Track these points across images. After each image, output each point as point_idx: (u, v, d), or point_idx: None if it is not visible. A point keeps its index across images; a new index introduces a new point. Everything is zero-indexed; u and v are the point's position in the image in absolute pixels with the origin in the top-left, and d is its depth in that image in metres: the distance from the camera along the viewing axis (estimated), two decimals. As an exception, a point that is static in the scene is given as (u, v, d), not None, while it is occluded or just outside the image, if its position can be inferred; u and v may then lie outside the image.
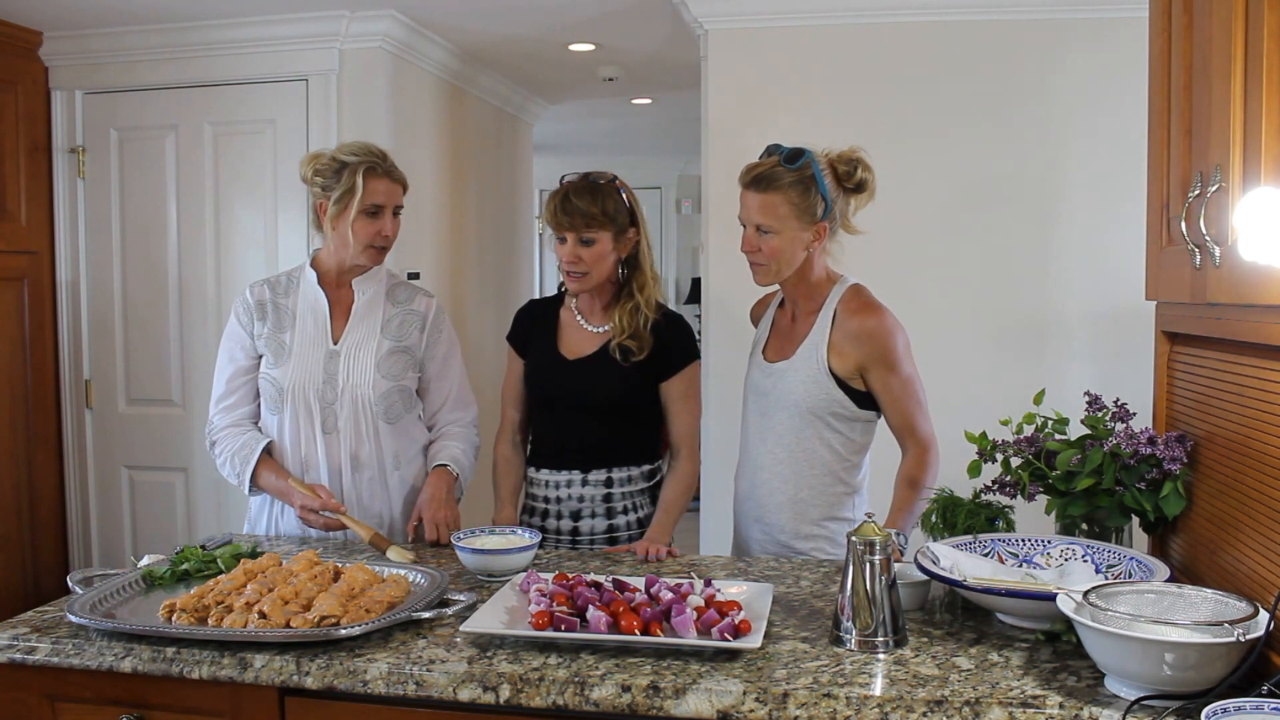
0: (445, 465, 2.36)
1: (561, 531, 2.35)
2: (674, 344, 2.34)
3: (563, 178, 2.33)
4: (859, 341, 2.10)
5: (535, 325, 2.44)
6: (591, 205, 2.24)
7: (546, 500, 2.37)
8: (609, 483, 2.33)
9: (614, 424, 2.33)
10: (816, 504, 2.16)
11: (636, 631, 1.54)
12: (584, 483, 2.34)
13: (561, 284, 2.45)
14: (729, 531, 2.51)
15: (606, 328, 2.34)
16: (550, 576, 1.78)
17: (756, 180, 2.10)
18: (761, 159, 2.14)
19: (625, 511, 2.34)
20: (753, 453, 2.24)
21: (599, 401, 2.32)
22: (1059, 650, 1.53)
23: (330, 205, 2.27)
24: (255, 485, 2.31)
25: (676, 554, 2.15)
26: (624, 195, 2.31)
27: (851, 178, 2.12)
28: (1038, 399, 1.90)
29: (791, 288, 2.20)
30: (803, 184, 2.08)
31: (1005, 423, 1.93)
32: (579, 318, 2.38)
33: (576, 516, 2.34)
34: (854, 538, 1.57)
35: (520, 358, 2.44)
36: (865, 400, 2.14)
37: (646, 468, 2.37)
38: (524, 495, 2.43)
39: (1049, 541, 1.81)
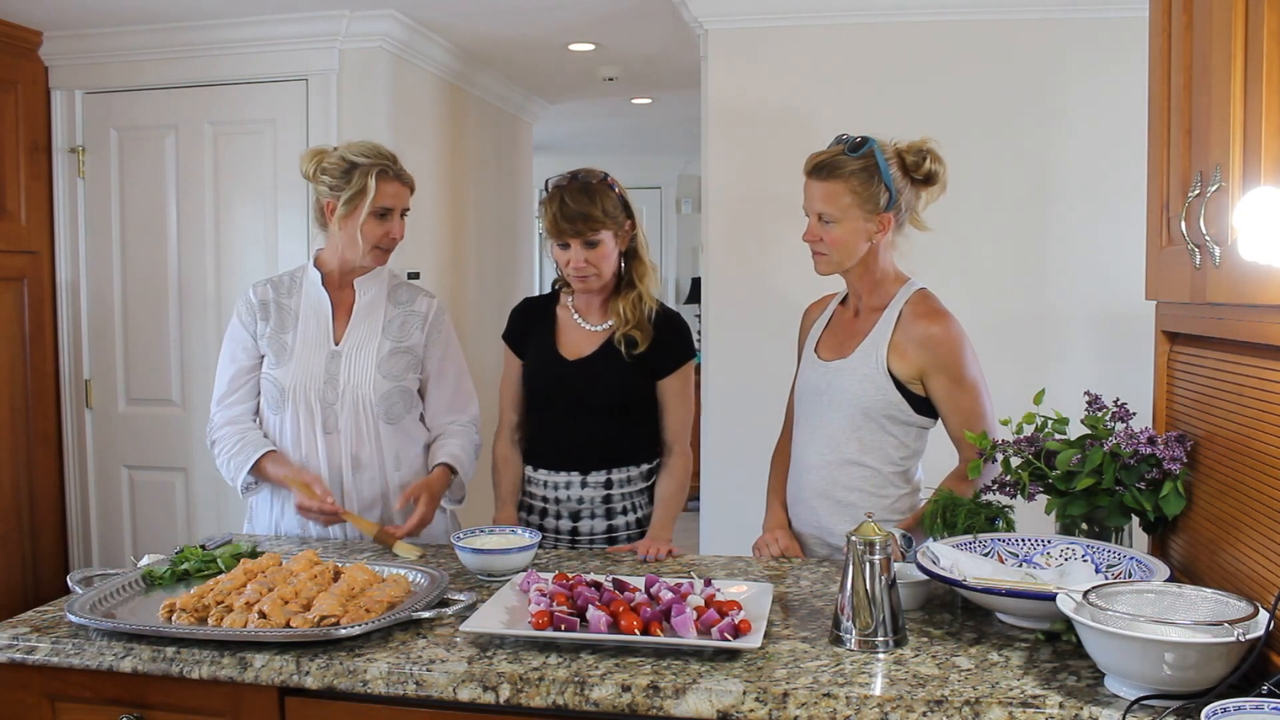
0: (447, 464, 2.34)
1: (561, 531, 2.35)
2: (671, 341, 2.34)
3: (548, 181, 2.32)
4: (923, 347, 2.04)
5: (532, 325, 2.42)
6: (591, 207, 2.23)
7: (545, 500, 2.37)
8: (608, 484, 2.33)
9: (614, 425, 2.33)
10: (865, 506, 2.07)
11: (636, 631, 1.54)
12: (583, 484, 2.33)
13: (554, 282, 2.45)
14: (729, 531, 2.51)
15: (604, 326, 2.34)
16: (550, 576, 1.78)
17: (819, 168, 2.05)
18: (829, 147, 2.08)
19: (625, 512, 2.34)
20: (802, 455, 2.19)
21: (599, 402, 2.32)
22: (1059, 650, 1.53)
23: (340, 206, 2.27)
24: (260, 474, 2.30)
25: (677, 553, 2.14)
26: (616, 190, 2.31)
27: (920, 168, 2.07)
28: (1038, 399, 1.89)
29: (856, 281, 2.15)
30: (865, 173, 2.02)
31: (1005, 423, 1.93)
32: (576, 317, 2.37)
33: (576, 517, 2.34)
34: (854, 537, 1.57)
35: (518, 357, 2.43)
36: (923, 406, 2.08)
37: (645, 468, 2.37)
38: (522, 493, 2.43)
39: (1049, 541, 1.80)
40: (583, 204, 2.23)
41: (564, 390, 2.34)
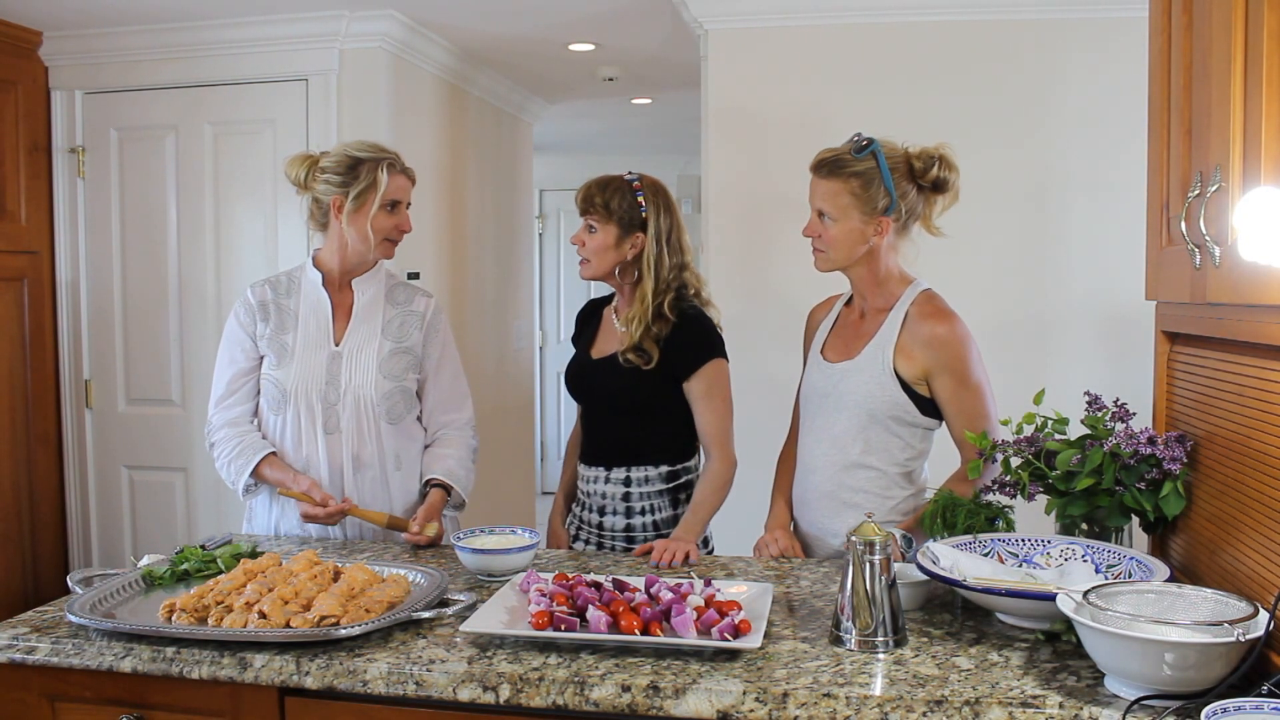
0: (442, 485, 2.34)
1: (590, 524, 2.40)
2: (688, 344, 2.29)
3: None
4: (928, 348, 2.04)
5: (585, 325, 2.51)
6: (598, 194, 2.29)
7: (584, 493, 2.42)
8: (627, 481, 2.35)
9: (631, 423, 2.34)
10: (870, 508, 2.05)
11: (636, 631, 1.54)
12: (607, 480, 2.36)
13: None
14: (730, 531, 2.50)
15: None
16: (550, 576, 1.79)
17: (822, 165, 2.07)
18: (840, 145, 2.09)
19: (643, 512, 2.34)
20: (807, 458, 2.19)
21: (611, 401, 2.35)
22: (1059, 650, 1.53)
23: (349, 201, 2.28)
24: (259, 478, 2.31)
25: (695, 560, 2.09)
26: (640, 198, 2.30)
27: (927, 174, 2.05)
28: (1038, 399, 1.89)
29: (860, 282, 2.15)
30: (867, 175, 2.03)
31: (1005, 423, 1.93)
32: (614, 316, 2.41)
33: (601, 511, 2.37)
34: (854, 538, 1.57)
35: None
36: (929, 407, 2.08)
37: (665, 469, 2.35)
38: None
39: (1049, 541, 1.80)
40: (594, 188, 2.30)
41: (585, 388, 2.41)
